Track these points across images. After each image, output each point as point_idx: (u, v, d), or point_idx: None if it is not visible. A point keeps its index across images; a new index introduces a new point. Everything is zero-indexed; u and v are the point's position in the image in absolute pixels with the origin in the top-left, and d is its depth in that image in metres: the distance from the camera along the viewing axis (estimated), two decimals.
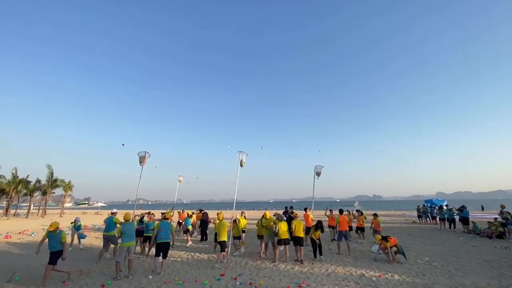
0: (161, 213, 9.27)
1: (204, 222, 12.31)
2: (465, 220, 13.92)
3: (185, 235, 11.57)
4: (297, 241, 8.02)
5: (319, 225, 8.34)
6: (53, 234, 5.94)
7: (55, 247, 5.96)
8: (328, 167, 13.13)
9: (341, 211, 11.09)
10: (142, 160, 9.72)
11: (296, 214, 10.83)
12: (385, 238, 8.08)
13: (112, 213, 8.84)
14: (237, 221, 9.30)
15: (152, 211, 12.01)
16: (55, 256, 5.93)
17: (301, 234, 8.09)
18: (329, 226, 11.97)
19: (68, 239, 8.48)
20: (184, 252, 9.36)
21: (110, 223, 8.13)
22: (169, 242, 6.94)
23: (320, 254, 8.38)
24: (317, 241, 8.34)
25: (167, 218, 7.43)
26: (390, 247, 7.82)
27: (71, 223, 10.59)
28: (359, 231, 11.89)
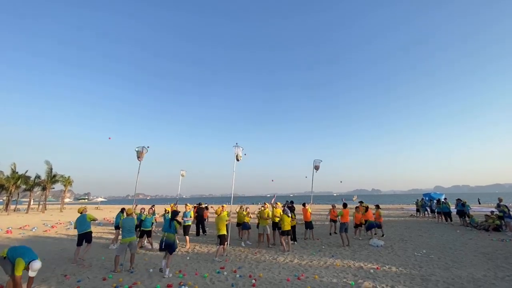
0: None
1: (200, 217, 12.32)
2: (460, 213, 14.09)
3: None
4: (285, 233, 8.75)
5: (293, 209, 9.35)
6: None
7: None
8: (326, 161, 13.20)
9: (345, 205, 11.10)
10: (139, 155, 9.69)
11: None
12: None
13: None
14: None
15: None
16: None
17: (288, 227, 8.71)
18: (331, 220, 12.02)
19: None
20: (183, 246, 9.43)
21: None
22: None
23: (294, 240, 9.65)
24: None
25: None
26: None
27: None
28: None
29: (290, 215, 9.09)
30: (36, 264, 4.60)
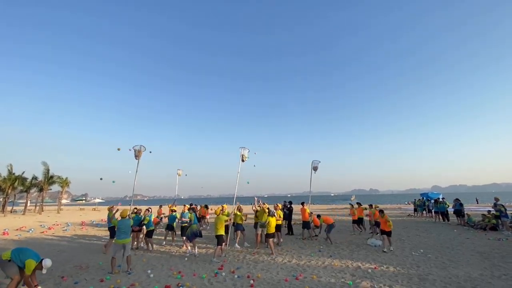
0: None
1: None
2: (457, 212, 14.19)
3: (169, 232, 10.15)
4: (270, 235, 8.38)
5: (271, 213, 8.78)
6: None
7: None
8: (324, 161, 13.22)
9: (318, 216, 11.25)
10: (137, 154, 9.53)
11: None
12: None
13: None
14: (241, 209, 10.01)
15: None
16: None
17: (273, 230, 8.43)
18: (315, 226, 11.80)
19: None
20: (182, 247, 9.40)
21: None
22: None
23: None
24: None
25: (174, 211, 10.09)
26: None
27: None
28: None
29: (275, 215, 8.87)
30: (49, 262, 4.98)
